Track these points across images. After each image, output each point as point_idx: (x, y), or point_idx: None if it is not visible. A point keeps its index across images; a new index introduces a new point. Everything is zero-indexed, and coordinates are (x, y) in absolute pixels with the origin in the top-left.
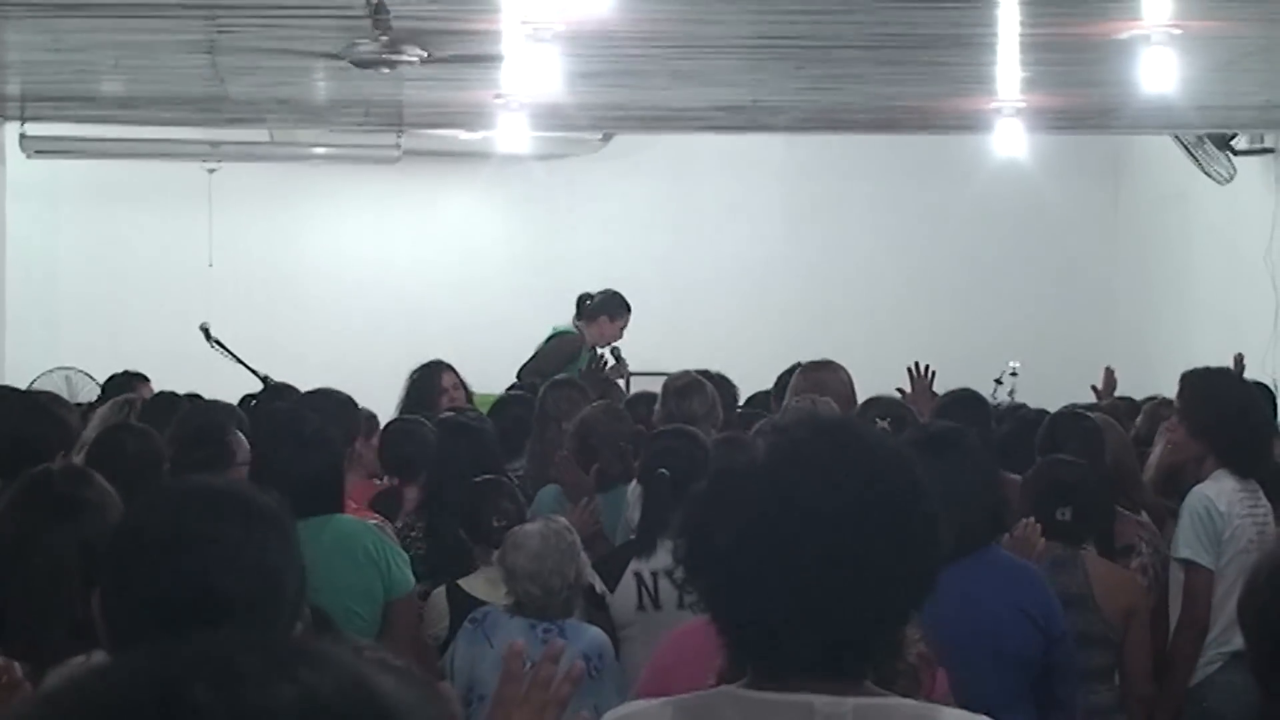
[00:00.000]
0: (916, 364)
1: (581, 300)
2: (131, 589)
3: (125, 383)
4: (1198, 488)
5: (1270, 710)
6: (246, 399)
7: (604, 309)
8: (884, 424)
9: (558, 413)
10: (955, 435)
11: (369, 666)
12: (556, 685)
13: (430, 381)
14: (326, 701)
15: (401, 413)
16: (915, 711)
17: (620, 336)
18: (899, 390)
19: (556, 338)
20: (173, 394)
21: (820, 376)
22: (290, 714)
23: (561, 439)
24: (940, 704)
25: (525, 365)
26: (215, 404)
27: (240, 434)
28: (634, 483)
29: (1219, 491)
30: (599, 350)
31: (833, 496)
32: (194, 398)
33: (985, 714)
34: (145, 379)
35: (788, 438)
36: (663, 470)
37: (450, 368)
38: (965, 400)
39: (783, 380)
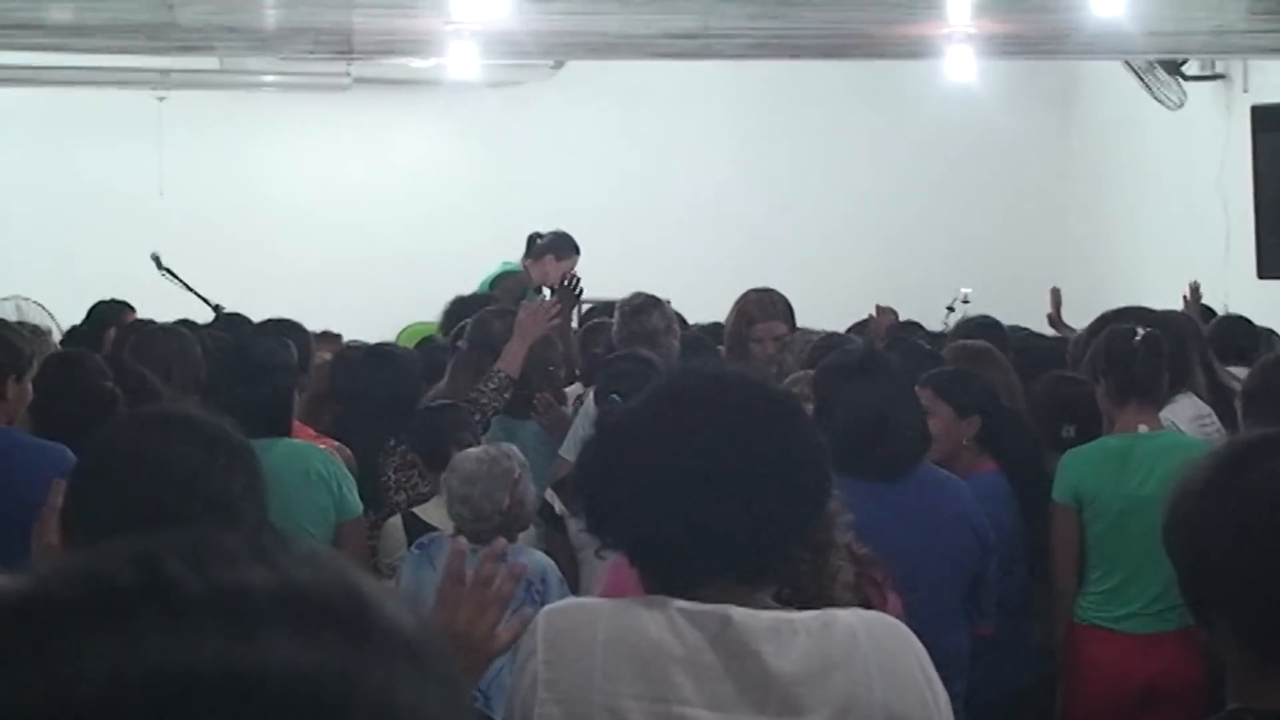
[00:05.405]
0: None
1: (532, 239)
2: (89, 511)
3: (110, 311)
4: None
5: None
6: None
7: (551, 248)
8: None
9: (494, 341)
10: (880, 360)
11: (352, 567)
12: (499, 583)
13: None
14: (304, 586)
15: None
16: (819, 619)
17: None
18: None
19: (503, 277)
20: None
21: (774, 296)
22: (266, 594)
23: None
24: None
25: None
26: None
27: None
28: (588, 402)
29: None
30: (543, 289)
31: (711, 425)
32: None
33: (941, 626)
34: (130, 307)
35: (666, 381)
36: (615, 395)
37: None
38: (985, 326)
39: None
